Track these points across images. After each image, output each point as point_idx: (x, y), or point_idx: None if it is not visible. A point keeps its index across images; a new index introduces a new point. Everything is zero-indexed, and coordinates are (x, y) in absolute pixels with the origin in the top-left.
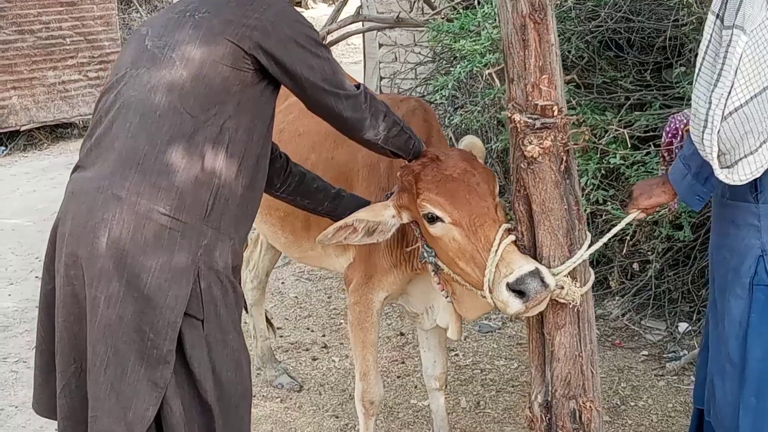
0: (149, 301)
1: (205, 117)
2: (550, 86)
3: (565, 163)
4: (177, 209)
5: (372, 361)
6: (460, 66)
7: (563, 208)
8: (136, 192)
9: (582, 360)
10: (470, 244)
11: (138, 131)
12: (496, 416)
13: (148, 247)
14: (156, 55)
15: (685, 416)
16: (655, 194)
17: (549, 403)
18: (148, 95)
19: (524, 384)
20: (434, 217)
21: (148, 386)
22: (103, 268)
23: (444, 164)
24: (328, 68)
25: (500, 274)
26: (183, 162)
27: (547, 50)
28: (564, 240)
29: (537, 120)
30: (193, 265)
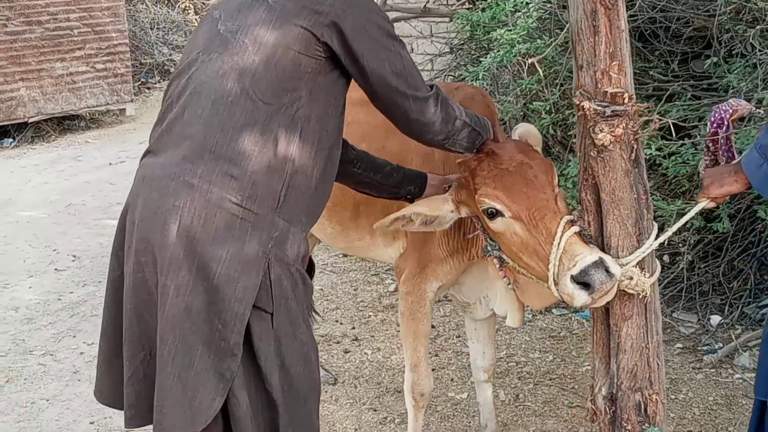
0: (218, 292)
1: (278, 104)
2: (620, 73)
3: (636, 152)
4: (249, 199)
5: (423, 352)
6: (491, 56)
7: (633, 198)
8: (208, 180)
9: (648, 352)
10: (532, 237)
11: (210, 118)
12: (537, 409)
13: (219, 237)
14: (228, 39)
15: (727, 409)
16: (727, 183)
17: (614, 396)
18: (220, 81)
19: (561, 377)
20: (494, 212)
21: (215, 377)
22: (173, 256)
23: (500, 158)
24: (399, 63)
25: (564, 267)
26: (255, 150)
27: (618, 36)
28: (633, 230)
29: (607, 107)
30: (263, 257)
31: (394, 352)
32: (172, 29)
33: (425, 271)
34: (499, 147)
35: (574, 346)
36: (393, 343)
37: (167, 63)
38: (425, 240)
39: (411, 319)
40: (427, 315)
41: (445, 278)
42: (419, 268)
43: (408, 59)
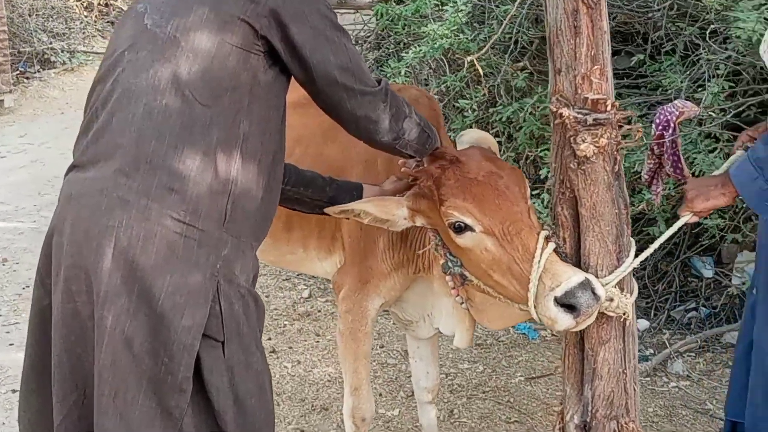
0: (163, 321)
1: (217, 106)
2: (601, 78)
3: (618, 164)
4: (193, 214)
5: (365, 374)
6: (413, 51)
7: (614, 213)
8: (146, 195)
9: (626, 377)
10: (506, 254)
11: (143, 124)
12: (474, 426)
13: (161, 259)
14: (157, 35)
15: (668, 420)
16: (713, 196)
17: (587, 424)
18: (151, 82)
19: (495, 389)
20: (462, 226)
21: (162, 416)
22: (111, 283)
23: (466, 166)
24: (344, 56)
25: (545, 287)
26: (197, 160)
27: (600, 38)
28: (613, 247)
29: (588, 115)
30: (212, 279)
31: (316, 365)
32: (52, 16)
33: (366, 287)
34: (464, 154)
35: (503, 355)
36: (314, 355)
37: (47, 52)
38: (366, 253)
39: (351, 339)
40: (368, 334)
41: (388, 294)
42: (360, 284)
43: (354, 51)
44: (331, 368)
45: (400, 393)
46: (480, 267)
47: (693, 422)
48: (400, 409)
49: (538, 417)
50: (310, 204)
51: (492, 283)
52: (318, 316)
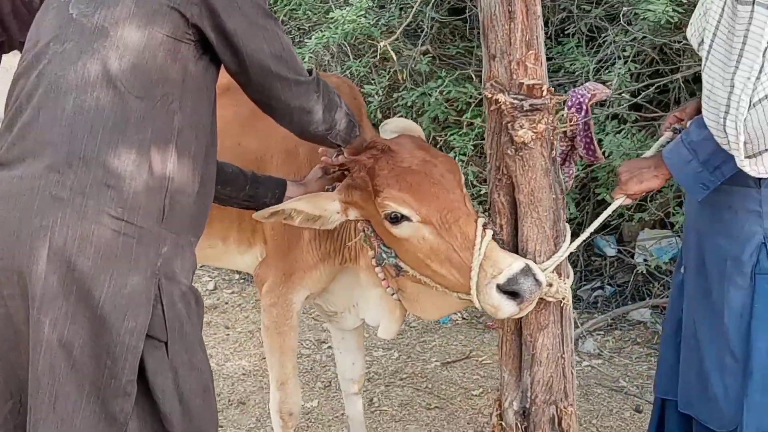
0: (104, 323)
1: (150, 98)
2: (536, 63)
3: (554, 149)
4: (130, 211)
5: (291, 368)
6: (317, 36)
7: (551, 198)
8: (81, 192)
9: (564, 362)
10: (445, 243)
11: (74, 118)
12: (395, 414)
13: (100, 258)
14: (84, 24)
15: (585, 400)
16: (646, 179)
17: (526, 410)
18: (80, 73)
19: (412, 376)
20: (399, 216)
21: (106, 421)
22: (47, 285)
23: (399, 155)
24: (277, 45)
25: (486, 275)
26: (132, 155)
27: (534, 23)
28: (551, 232)
29: (524, 101)
30: (152, 278)
31: (229, 359)
32: None
33: (291, 279)
34: (396, 143)
35: (416, 340)
36: (225, 348)
37: None
38: (290, 246)
39: (276, 333)
40: (294, 328)
41: (314, 286)
42: (284, 277)
43: (286, 40)
44: (245, 361)
45: (317, 383)
46: (417, 257)
47: (609, 400)
48: (318, 399)
49: (457, 402)
50: (228, 201)
51: (430, 273)
52: (225, 308)
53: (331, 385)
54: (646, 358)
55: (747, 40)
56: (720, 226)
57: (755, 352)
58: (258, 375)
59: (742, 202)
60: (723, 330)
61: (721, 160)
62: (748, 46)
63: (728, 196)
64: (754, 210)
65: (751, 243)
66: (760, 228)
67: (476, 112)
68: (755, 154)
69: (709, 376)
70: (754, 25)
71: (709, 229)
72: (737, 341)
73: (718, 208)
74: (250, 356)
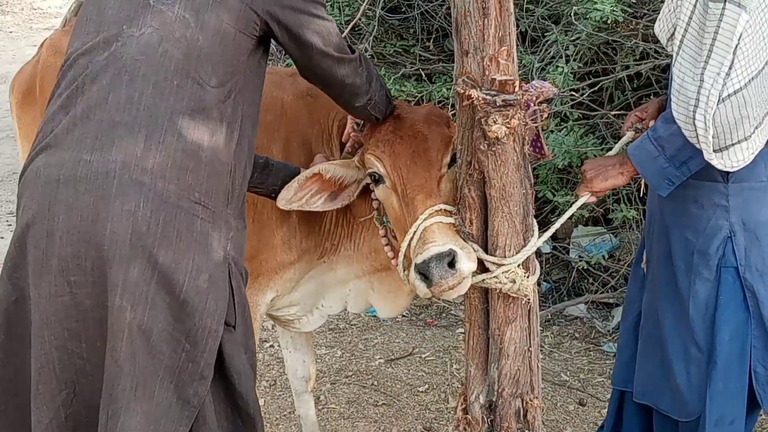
0: (185, 307)
1: (223, 89)
2: (508, 59)
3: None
4: (206, 195)
5: None
6: None
7: (521, 193)
8: (162, 176)
9: (531, 355)
10: (402, 215)
11: (154, 102)
12: (342, 411)
13: (182, 243)
14: (164, 12)
15: None
16: (611, 176)
17: (493, 404)
18: (160, 60)
19: (357, 373)
20: (377, 177)
21: (178, 405)
22: (129, 271)
23: (399, 123)
24: (331, 30)
25: (415, 255)
26: (205, 140)
27: (507, 19)
28: (520, 227)
29: (497, 96)
30: (225, 263)
31: None
32: None
33: (258, 281)
34: (406, 111)
35: (358, 338)
36: None
37: None
38: (260, 247)
39: None
40: (255, 330)
41: (283, 287)
42: (251, 278)
43: (332, 22)
44: None
45: (262, 383)
46: (392, 222)
47: (553, 394)
48: (264, 398)
49: (404, 399)
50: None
51: (398, 238)
52: None
53: (276, 384)
54: (585, 352)
55: (717, 36)
56: (686, 220)
57: (719, 343)
58: None
59: (709, 197)
60: (688, 321)
61: (688, 155)
62: (718, 42)
63: (695, 190)
64: (720, 204)
65: (718, 237)
66: (727, 222)
67: None
68: (723, 148)
69: (672, 366)
70: (724, 22)
71: (675, 222)
72: (701, 332)
73: (685, 202)
74: None
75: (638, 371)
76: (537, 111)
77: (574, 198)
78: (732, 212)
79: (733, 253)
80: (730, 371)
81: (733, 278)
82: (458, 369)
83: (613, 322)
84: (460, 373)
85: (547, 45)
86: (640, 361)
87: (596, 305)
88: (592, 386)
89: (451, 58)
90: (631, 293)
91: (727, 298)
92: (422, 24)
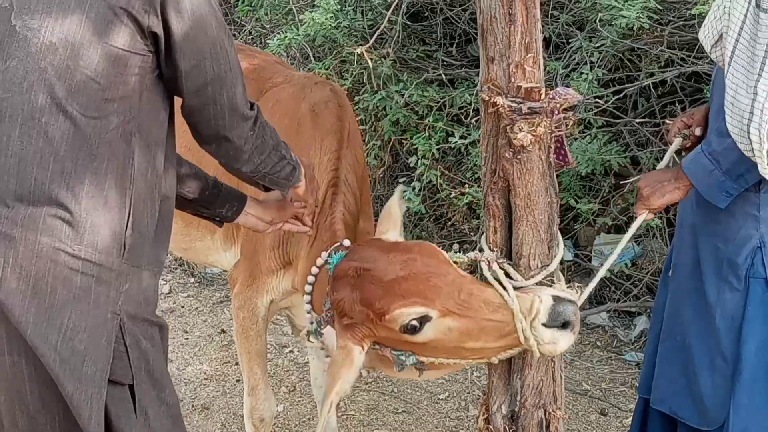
0: (63, 371)
1: (104, 119)
2: (534, 66)
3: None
4: (88, 247)
5: (260, 373)
6: (278, 38)
7: (546, 202)
8: (33, 228)
9: (554, 365)
10: (472, 320)
11: (21, 147)
12: (362, 418)
13: (57, 300)
14: (29, 39)
15: None
16: (668, 191)
17: (515, 414)
18: (26, 96)
19: (377, 380)
20: (417, 324)
21: None
22: None
23: (377, 270)
24: (231, 74)
25: (525, 323)
26: (87, 185)
27: (534, 26)
28: (545, 236)
29: (523, 104)
30: (113, 319)
31: (189, 363)
32: None
33: (255, 283)
34: (364, 259)
35: None
36: (185, 353)
37: None
38: (256, 248)
39: (244, 337)
40: (260, 333)
41: (276, 294)
42: (250, 280)
43: (236, 61)
44: (206, 366)
45: (282, 388)
46: (448, 347)
47: (574, 403)
48: (284, 404)
49: (424, 406)
50: (184, 204)
51: (465, 354)
52: (182, 312)
53: (296, 390)
54: (606, 361)
55: None
56: (717, 228)
57: (745, 355)
58: (220, 379)
59: (741, 206)
60: (714, 330)
61: (744, 168)
62: None
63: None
64: (751, 214)
65: (747, 247)
66: (757, 232)
67: (437, 116)
68: None
69: (697, 374)
70: None
71: (705, 230)
72: (728, 342)
73: (716, 209)
74: (210, 360)
75: (658, 377)
76: (562, 118)
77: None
78: (762, 222)
79: (762, 264)
80: (756, 384)
81: (763, 290)
82: (479, 377)
83: (635, 331)
84: (480, 381)
85: (572, 51)
86: (660, 368)
87: (618, 314)
88: (613, 395)
89: (473, 64)
90: (660, 301)
91: (755, 309)
92: (445, 29)
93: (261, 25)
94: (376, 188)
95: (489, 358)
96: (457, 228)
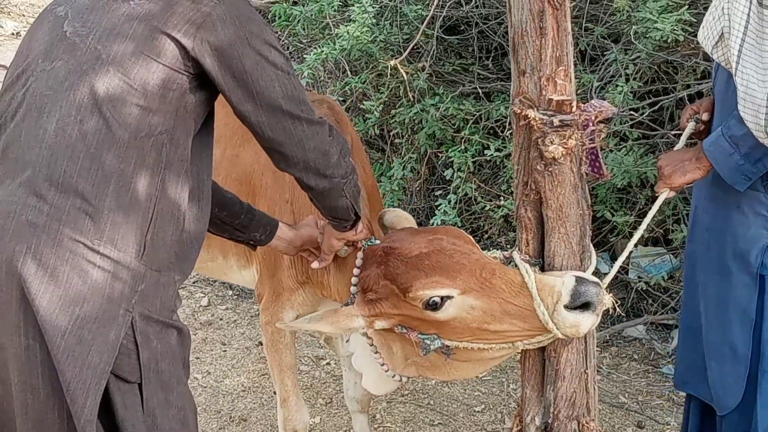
0: (67, 358)
1: (139, 127)
2: (565, 79)
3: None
4: (107, 243)
5: (291, 385)
6: (315, 53)
7: (578, 214)
8: (57, 218)
9: (587, 377)
10: (494, 300)
11: (55, 140)
12: (398, 430)
13: (71, 290)
14: (77, 44)
15: None
16: (689, 170)
17: (548, 426)
18: (66, 95)
19: (413, 392)
20: (438, 300)
21: None
22: (10, 314)
23: (403, 248)
24: (288, 82)
25: (550, 305)
26: (113, 182)
27: (565, 39)
28: (577, 248)
29: (554, 117)
30: (125, 315)
31: (227, 375)
32: None
33: (280, 299)
34: (393, 240)
35: None
36: (223, 365)
37: None
38: (276, 266)
39: (274, 351)
40: (289, 345)
41: (300, 308)
42: (275, 296)
43: (297, 78)
44: (243, 378)
45: (318, 400)
46: (471, 328)
47: (610, 416)
48: (320, 416)
49: (460, 418)
50: (220, 226)
51: (490, 336)
52: (220, 324)
53: (332, 402)
54: (644, 374)
55: None
56: (728, 224)
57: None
58: (258, 391)
59: (751, 204)
60: (722, 322)
61: (763, 152)
62: None
63: (738, 196)
64: (760, 213)
65: (756, 246)
66: (765, 231)
67: (473, 129)
68: None
69: (707, 362)
70: None
71: (717, 226)
72: (740, 335)
73: (728, 206)
74: (248, 372)
75: (679, 362)
76: (595, 131)
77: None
78: None
79: None
80: None
81: None
82: (515, 389)
83: (673, 344)
84: (516, 393)
85: (607, 64)
86: (680, 351)
87: (655, 326)
88: (650, 408)
89: (509, 77)
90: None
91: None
92: (480, 42)
93: (298, 40)
94: (413, 201)
95: (515, 344)
96: (493, 240)
